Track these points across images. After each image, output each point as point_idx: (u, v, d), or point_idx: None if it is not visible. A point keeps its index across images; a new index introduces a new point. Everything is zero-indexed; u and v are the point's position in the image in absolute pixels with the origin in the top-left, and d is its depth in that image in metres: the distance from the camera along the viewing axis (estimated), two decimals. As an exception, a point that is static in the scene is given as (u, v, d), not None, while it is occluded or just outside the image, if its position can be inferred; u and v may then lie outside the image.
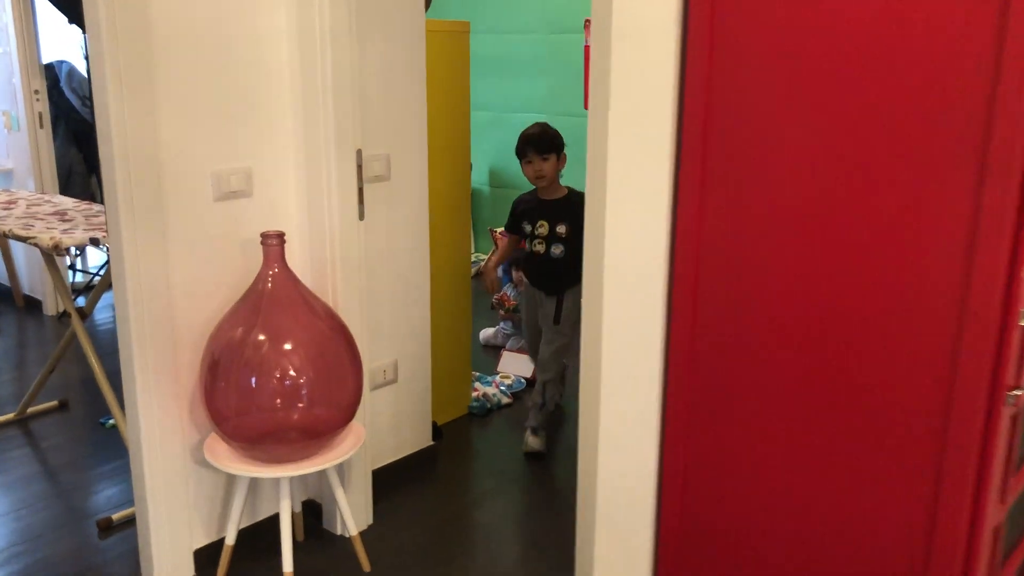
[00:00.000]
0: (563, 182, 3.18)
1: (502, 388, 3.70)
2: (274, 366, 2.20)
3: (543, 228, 3.07)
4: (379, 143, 2.62)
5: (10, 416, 3.46)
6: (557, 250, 3.06)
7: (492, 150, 6.05)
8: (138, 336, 2.21)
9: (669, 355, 1.57)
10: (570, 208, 3.00)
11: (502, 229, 5.78)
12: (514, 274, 4.35)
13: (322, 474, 2.61)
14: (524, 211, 3.17)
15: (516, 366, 3.89)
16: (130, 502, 2.75)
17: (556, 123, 5.80)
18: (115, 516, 2.71)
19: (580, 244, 2.45)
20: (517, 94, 5.84)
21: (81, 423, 3.49)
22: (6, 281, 5.07)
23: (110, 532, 2.67)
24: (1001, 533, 1.42)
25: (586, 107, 5.01)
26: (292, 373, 2.21)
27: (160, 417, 2.30)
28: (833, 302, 1.35)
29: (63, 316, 4.81)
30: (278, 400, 2.23)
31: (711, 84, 1.41)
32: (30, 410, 3.50)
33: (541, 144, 3.02)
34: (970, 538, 1.32)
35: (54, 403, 3.59)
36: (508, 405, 3.65)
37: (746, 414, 1.48)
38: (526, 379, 3.83)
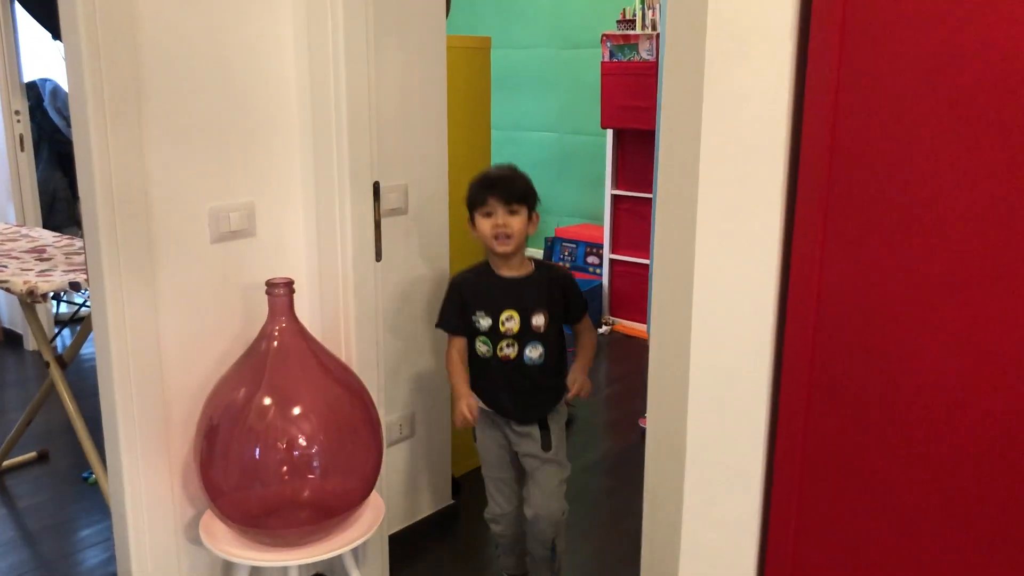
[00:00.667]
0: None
1: (523, 433, 3.39)
2: (281, 434, 1.90)
3: (513, 321, 2.08)
4: (396, 173, 2.34)
5: (-18, 471, 3.14)
6: (535, 353, 2.09)
7: (500, 171, 5.77)
8: (123, 399, 1.91)
9: (776, 445, 1.28)
10: (547, 288, 2.11)
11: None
12: None
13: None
14: (476, 295, 2.11)
15: (537, 408, 3.58)
16: (116, 574, 2.44)
17: (571, 143, 5.60)
18: (98, 595, 2.39)
19: (562, 342, 2.16)
20: (529, 112, 5.58)
21: (63, 478, 3.17)
22: (-16, 314, 4.75)
23: (92, 613, 2.36)
24: None
25: (603, 126, 4.74)
26: (302, 442, 1.91)
27: (148, 489, 1.99)
28: (1008, 385, 1.07)
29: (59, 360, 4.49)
30: (285, 473, 1.93)
31: (836, 112, 1.13)
32: (6, 463, 3.18)
33: (510, 190, 2.04)
34: None
35: (32, 454, 3.27)
36: (530, 453, 3.34)
37: (878, 521, 1.20)
38: (548, 423, 3.52)
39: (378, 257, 2.15)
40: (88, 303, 4.76)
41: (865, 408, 1.19)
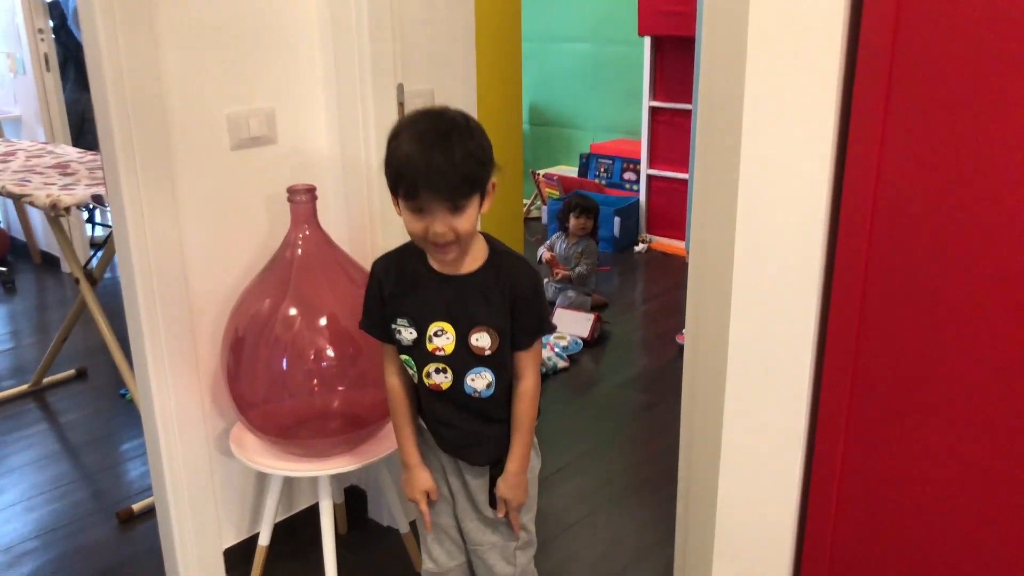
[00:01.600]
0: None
1: (557, 351, 3.35)
2: (308, 345, 1.86)
3: (444, 338, 1.44)
4: (421, 76, 2.23)
5: (24, 387, 3.18)
6: (480, 383, 1.46)
7: (533, 84, 5.59)
8: (148, 311, 1.88)
9: (825, 351, 1.20)
10: (500, 291, 1.43)
11: (546, 172, 5.40)
12: (545, 253, 3.92)
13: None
14: (396, 293, 1.48)
15: (572, 324, 3.53)
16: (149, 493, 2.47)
17: (606, 53, 5.38)
18: (136, 506, 2.42)
19: (510, 364, 1.47)
20: (562, 21, 5.36)
21: (101, 394, 3.21)
22: (22, 237, 4.78)
23: (132, 524, 2.39)
24: None
25: (641, 33, 4.54)
26: (330, 353, 1.87)
27: (178, 403, 1.97)
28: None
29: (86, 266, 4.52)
30: (314, 383, 1.90)
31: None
32: (46, 380, 3.22)
33: (454, 180, 1.30)
34: None
35: (71, 372, 3.31)
36: (564, 370, 3.30)
37: (927, 431, 1.12)
38: (583, 339, 3.47)
39: (404, 164, 2.06)
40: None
41: (921, 324, 1.10)
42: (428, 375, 1.47)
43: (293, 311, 1.87)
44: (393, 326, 1.48)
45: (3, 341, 3.78)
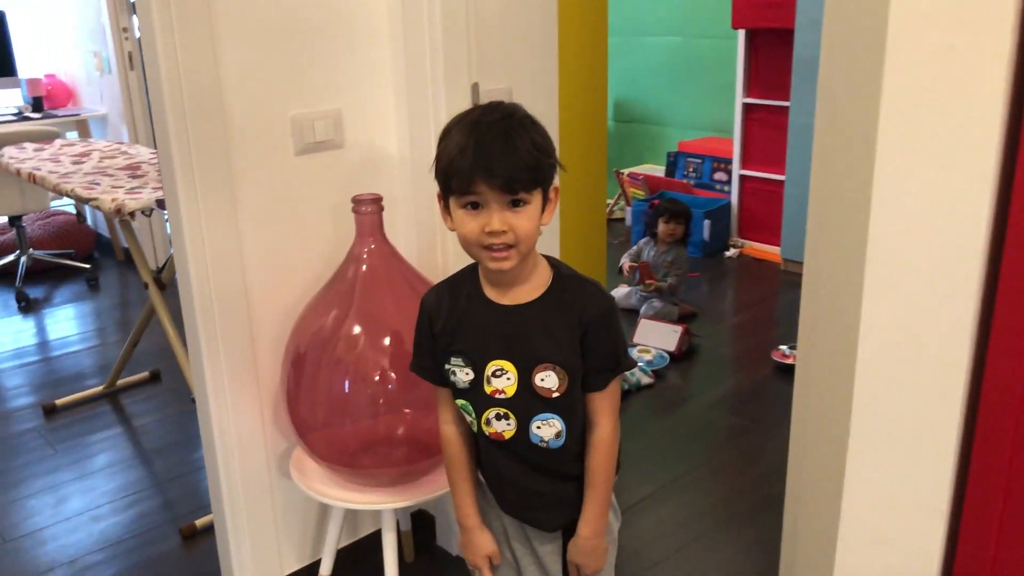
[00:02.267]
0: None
1: (641, 365, 3.14)
2: (372, 366, 1.72)
3: (504, 379, 1.25)
4: (498, 75, 2.06)
5: (99, 389, 3.16)
6: (548, 432, 1.26)
7: (619, 80, 5.37)
8: (205, 323, 1.77)
9: (981, 390, 0.98)
10: (567, 322, 1.24)
11: (631, 171, 5.17)
12: (627, 263, 3.72)
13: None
14: (450, 328, 1.30)
15: (658, 337, 3.32)
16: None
17: (697, 47, 5.13)
18: (199, 522, 2.34)
19: (582, 409, 1.27)
20: (651, 14, 5.13)
21: (173, 397, 3.17)
22: (107, 233, 4.84)
23: (195, 541, 2.31)
24: None
25: (734, 26, 4.29)
26: (394, 375, 1.72)
27: (237, 420, 1.87)
28: None
29: (162, 271, 4.53)
30: (380, 403, 1.76)
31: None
32: (120, 382, 3.20)
33: (515, 169, 1.13)
34: None
35: (145, 374, 3.28)
36: (649, 386, 3.09)
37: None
38: (670, 353, 3.26)
39: (478, 170, 1.90)
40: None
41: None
42: (488, 422, 1.28)
43: (357, 329, 1.73)
44: (447, 367, 1.29)
45: (88, 339, 3.80)
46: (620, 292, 3.78)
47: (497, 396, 1.26)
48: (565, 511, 1.33)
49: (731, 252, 4.56)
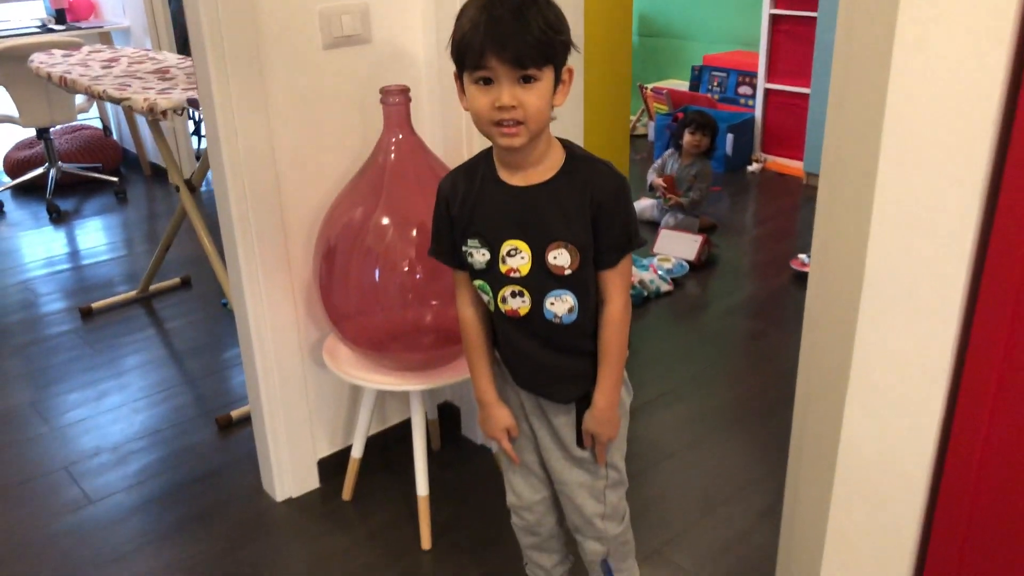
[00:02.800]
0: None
1: (660, 273, 3.19)
2: (401, 256, 1.78)
3: (519, 258, 1.29)
4: (525, -29, 2.06)
5: (132, 294, 3.26)
6: (561, 307, 1.31)
7: (643, -7, 5.28)
8: (239, 215, 1.83)
9: (983, 273, 1.02)
10: (579, 201, 1.27)
11: (654, 86, 5.12)
12: (656, 179, 3.69)
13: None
14: (466, 211, 1.33)
15: (677, 247, 3.36)
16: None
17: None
18: (234, 413, 2.44)
19: (594, 287, 1.31)
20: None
21: (204, 302, 3.26)
22: (133, 148, 4.89)
23: (230, 430, 2.42)
24: None
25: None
26: (421, 265, 1.78)
27: (272, 311, 1.94)
28: None
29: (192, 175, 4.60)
30: (408, 296, 1.82)
31: None
32: (152, 287, 3.29)
33: (525, 42, 1.15)
34: None
35: (176, 280, 3.37)
36: (668, 293, 3.15)
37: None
38: (689, 262, 3.30)
39: (504, 65, 1.92)
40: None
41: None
42: (504, 300, 1.32)
43: (385, 220, 1.78)
44: (464, 248, 1.32)
45: (117, 249, 3.88)
46: (641, 204, 3.80)
47: (512, 275, 1.30)
48: (578, 385, 1.37)
49: (754, 167, 4.55)
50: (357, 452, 2.06)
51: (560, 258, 1.27)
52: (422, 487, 1.93)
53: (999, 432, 1.09)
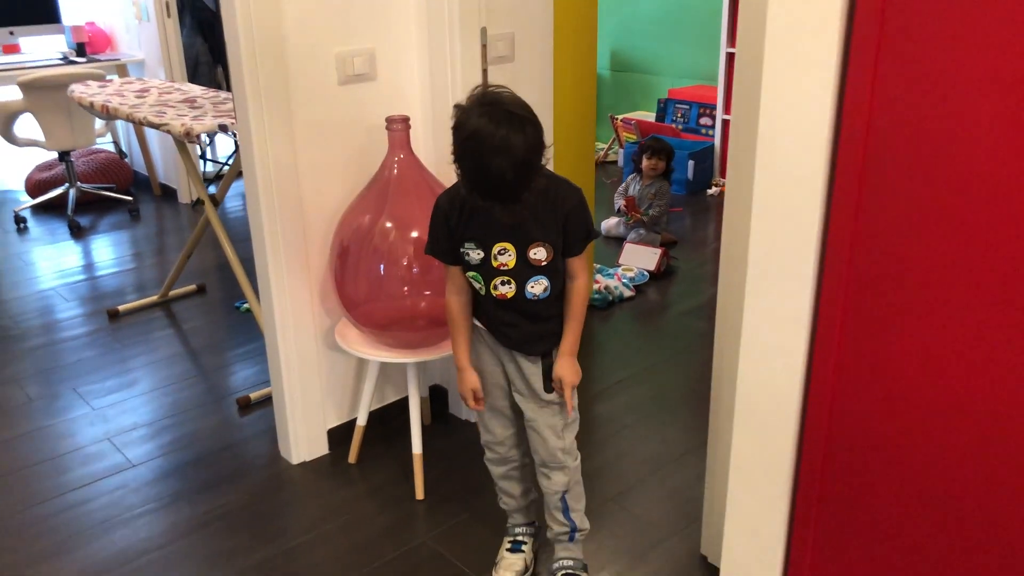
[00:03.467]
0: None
1: (624, 281, 3.62)
2: (402, 254, 2.19)
3: (507, 255, 1.72)
4: (503, 20, 2.49)
5: (154, 298, 3.64)
6: (538, 288, 1.74)
7: (615, 31, 5.77)
8: (269, 220, 2.23)
9: (826, 246, 1.44)
10: (552, 214, 1.70)
11: (624, 117, 5.58)
12: (621, 202, 4.13)
13: (448, 360, 2.62)
14: (463, 223, 1.73)
15: (639, 258, 3.79)
16: (266, 382, 2.86)
17: (687, 0, 5.50)
18: (253, 395, 2.82)
19: (561, 270, 1.75)
20: (643, -31, 5.50)
21: (218, 306, 3.64)
22: (144, 171, 5.28)
23: (249, 410, 2.79)
24: None
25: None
26: (419, 262, 2.19)
27: (292, 302, 2.34)
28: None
29: (197, 204, 4.99)
30: (406, 288, 2.23)
31: None
32: (171, 293, 3.67)
33: (517, 194, 1.60)
34: None
35: (193, 287, 3.75)
36: (631, 298, 3.57)
37: (918, 311, 1.35)
38: (649, 272, 3.73)
39: (486, 99, 2.35)
40: (228, 163, 5.19)
41: (908, 231, 1.33)
42: (495, 287, 1.74)
43: (389, 224, 2.19)
44: (462, 249, 1.74)
45: (129, 262, 4.26)
46: (609, 223, 4.23)
47: (502, 268, 1.73)
48: (545, 342, 1.81)
49: (713, 190, 5.00)
50: (361, 420, 2.45)
51: (538, 253, 1.71)
52: (417, 446, 2.32)
53: (846, 363, 1.50)
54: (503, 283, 1.74)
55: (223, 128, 2.66)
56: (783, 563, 1.68)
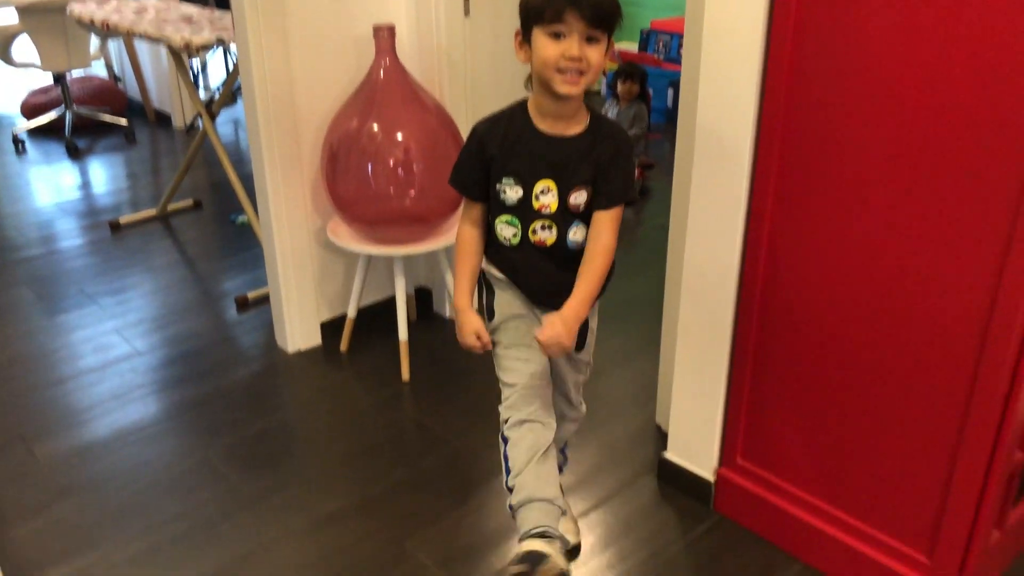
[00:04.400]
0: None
1: (601, 197, 3.80)
2: (388, 154, 2.37)
3: (549, 196, 1.54)
4: (485, -60, 2.65)
5: (152, 212, 3.82)
6: (579, 235, 1.57)
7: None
8: (265, 125, 2.41)
9: (759, 146, 1.64)
10: (596, 155, 1.53)
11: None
12: (612, 101, 4.28)
13: (432, 262, 2.84)
14: (506, 154, 1.55)
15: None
16: (262, 284, 3.07)
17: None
18: (251, 295, 3.03)
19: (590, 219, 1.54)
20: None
21: (213, 220, 3.83)
22: (138, 96, 5.40)
23: (246, 309, 3.00)
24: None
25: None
26: (405, 161, 2.37)
27: (287, 202, 2.53)
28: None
29: (191, 129, 5.13)
30: (392, 188, 2.41)
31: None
32: (169, 208, 3.85)
33: (600, 6, 1.41)
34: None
35: (189, 202, 3.93)
36: (607, 213, 3.76)
37: (835, 194, 1.55)
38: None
39: (466, 11, 2.51)
40: (220, 89, 5.27)
41: (822, 121, 1.53)
42: (534, 231, 1.55)
43: (376, 127, 2.37)
44: (498, 186, 1.54)
45: (126, 181, 4.42)
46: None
47: (543, 211, 1.53)
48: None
49: (691, 119, 5.16)
50: (352, 312, 2.66)
51: (579, 198, 1.53)
52: (403, 334, 2.54)
53: (776, 239, 1.71)
54: (543, 228, 1.56)
55: (220, 41, 2.81)
56: (723, 413, 1.92)
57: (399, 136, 2.37)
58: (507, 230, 1.58)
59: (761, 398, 1.83)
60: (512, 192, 1.54)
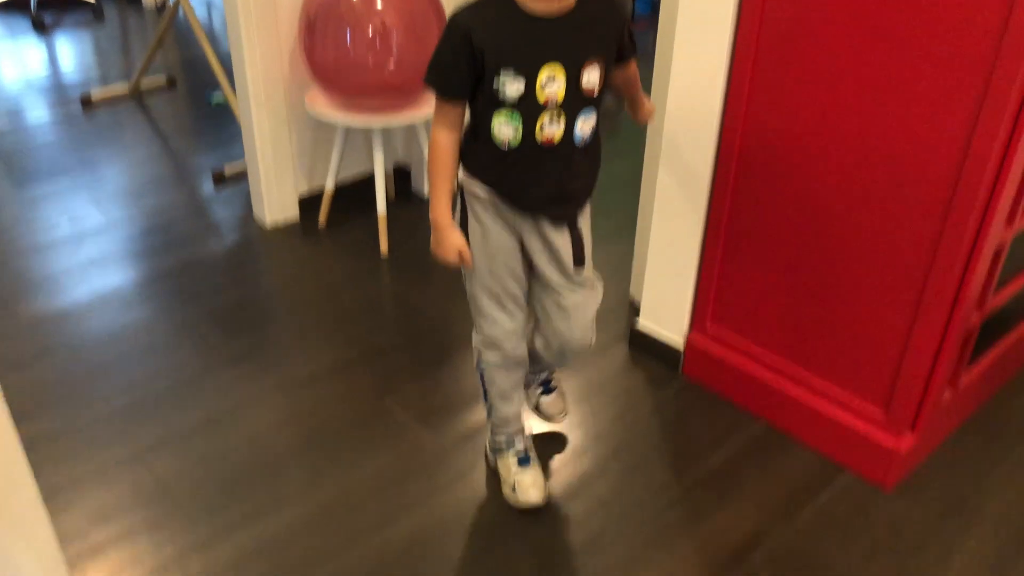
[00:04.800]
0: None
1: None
2: (366, 21, 2.33)
3: (556, 83, 1.35)
4: None
5: (124, 89, 3.73)
6: (587, 127, 1.41)
7: None
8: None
9: (741, 6, 1.63)
10: (596, 25, 1.37)
11: None
12: None
13: (411, 140, 2.82)
14: (498, 44, 1.33)
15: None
16: (238, 160, 3.04)
17: None
18: (227, 169, 3.00)
19: (603, 101, 1.40)
20: None
21: (187, 99, 3.76)
22: (105, -29, 5.19)
23: (223, 184, 2.98)
24: None
25: None
26: (383, 30, 2.33)
27: (264, 72, 2.48)
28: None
29: (162, 8, 4.96)
30: (370, 57, 2.38)
31: None
32: (143, 87, 3.76)
33: None
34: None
35: (163, 80, 3.84)
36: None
37: (810, 52, 1.56)
38: (607, 77, 3.87)
39: None
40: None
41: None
42: (541, 128, 1.36)
43: (355, -6, 2.32)
44: (496, 81, 1.33)
45: (100, 56, 4.31)
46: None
47: (549, 102, 1.34)
48: (574, 207, 1.50)
49: (675, 10, 5.06)
50: (330, 185, 2.66)
51: (592, 77, 1.35)
52: (381, 208, 2.55)
53: (753, 102, 1.72)
54: (551, 121, 1.36)
55: (191, -100, 2.70)
56: (695, 279, 1.97)
57: (378, 5, 2.33)
58: (506, 129, 1.37)
59: (733, 263, 1.88)
60: (513, 86, 1.33)
